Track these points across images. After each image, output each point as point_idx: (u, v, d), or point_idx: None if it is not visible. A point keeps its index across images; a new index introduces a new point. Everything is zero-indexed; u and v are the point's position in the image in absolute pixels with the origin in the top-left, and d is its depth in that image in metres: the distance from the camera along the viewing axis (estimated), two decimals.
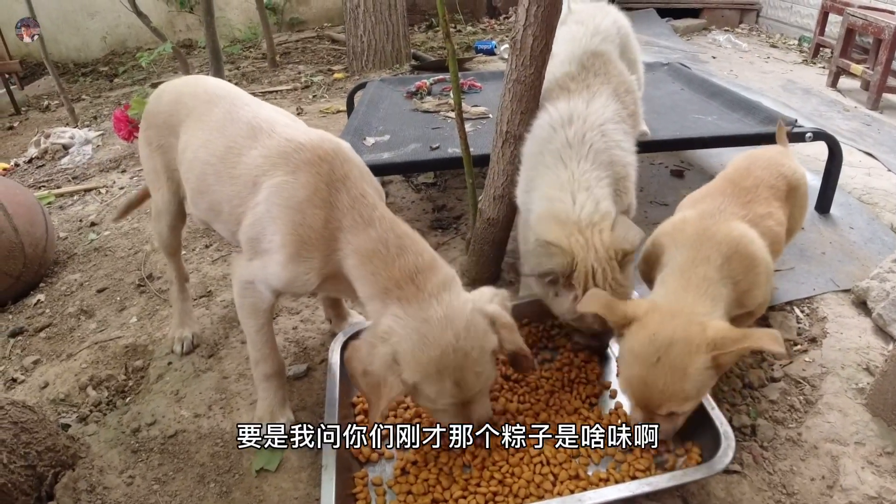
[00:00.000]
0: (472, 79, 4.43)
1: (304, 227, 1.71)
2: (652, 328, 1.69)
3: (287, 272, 1.75)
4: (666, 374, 1.65)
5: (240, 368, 2.36)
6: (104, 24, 8.82)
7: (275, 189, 1.75)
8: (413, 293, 1.64)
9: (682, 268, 1.84)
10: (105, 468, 2.00)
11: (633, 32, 2.81)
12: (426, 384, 1.62)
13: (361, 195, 1.75)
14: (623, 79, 2.45)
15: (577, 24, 2.56)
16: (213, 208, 1.98)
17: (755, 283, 1.90)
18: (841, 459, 1.88)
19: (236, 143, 1.89)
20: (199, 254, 3.23)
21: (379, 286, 1.67)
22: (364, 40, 6.51)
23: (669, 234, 1.99)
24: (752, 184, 2.13)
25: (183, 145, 2.06)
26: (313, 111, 5.51)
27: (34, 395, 2.38)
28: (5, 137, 5.87)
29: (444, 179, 3.80)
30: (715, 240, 1.87)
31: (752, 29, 8.31)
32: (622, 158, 2.19)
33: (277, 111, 2.05)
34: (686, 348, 1.64)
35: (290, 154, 1.78)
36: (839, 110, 5.06)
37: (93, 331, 2.74)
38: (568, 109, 2.20)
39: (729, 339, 1.64)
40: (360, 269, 1.70)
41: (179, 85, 2.23)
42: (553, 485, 1.76)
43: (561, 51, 2.46)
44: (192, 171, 2.01)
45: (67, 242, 3.55)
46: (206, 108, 2.04)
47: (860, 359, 2.23)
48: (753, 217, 2.01)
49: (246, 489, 1.90)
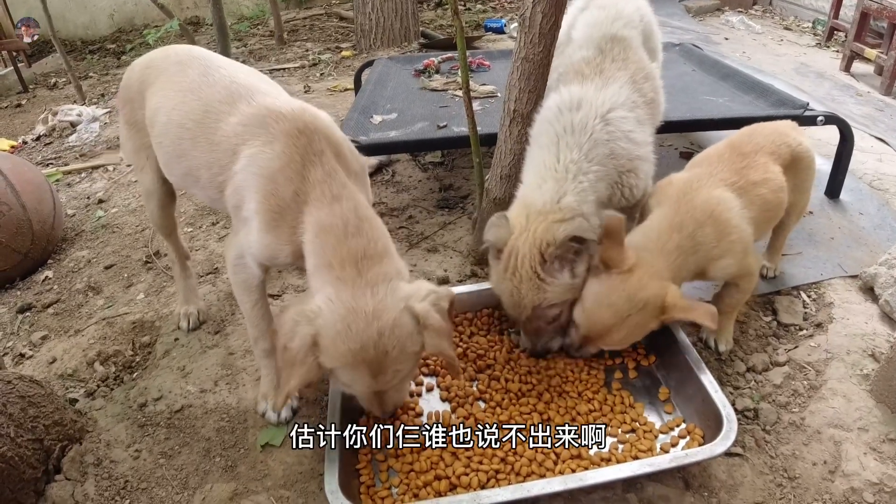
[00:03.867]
0: (481, 57, 4.40)
1: (275, 196, 1.70)
2: (633, 286, 1.84)
3: (263, 240, 1.75)
4: (630, 328, 1.88)
5: (245, 345, 2.37)
6: (112, 2, 8.80)
7: (251, 158, 1.74)
8: (351, 277, 1.61)
9: (660, 231, 1.95)
10: (112, 442, 2.03)
11: (656, 20, 2.73)
12: (342, 371, 1.63)
13: (333, 170, 1.73)
14: (642, 65, 2.36)
15: (598, 8, 2.49)
16: (190, 173, 1.96)
17: (728, 250, 1.97)
18: (843, 445, 1.88)
19: (213, 108, 1.86)
20: (205, 231, 3.23)
21: (324, 260, 1.65)
22: (372, 18, 6.46)
23: (657, 193, 2.10)
24: (752, 150, 2.16)
25: (154, 107, 2.01)
26: (321, 89, 5.49)
27: (42, 371, 2.40)
28: (13, 115, 5.89)
29: (451, 158, 3.79)
30: (691, 205, 1.97)
31: (766, 11, 8.20)
32: (628, 151, 2.12)
33: (254, 75, 2.02)
34: (653, 312, 1.86)
35: (270, 123, 1.76)
36: (852, 95, 5.00)
37: (100, 307, 2.76)
38: (578, 94, 2.15)
39: (677, 307, 1.84)
40: (313, 242, 1.68)
41: (150, 54, 2.20)
42: (555, 464, 1.77)
43: (580, 35, 2.42)
44: (166, 134, 1.97)
45: (75, 219, 3.56)
46: (177, 68, 2.01)
47: (866, 345, 2.22)
48: (745, 184, 2.06)
49: (251, 463, 1.92)
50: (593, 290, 1.92)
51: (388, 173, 3.66)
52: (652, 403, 2.01)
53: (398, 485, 1.75)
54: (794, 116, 3.01)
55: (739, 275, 2.05)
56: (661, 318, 1.87)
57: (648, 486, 1.78)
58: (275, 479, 1.87)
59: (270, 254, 1.78)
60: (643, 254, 1.90)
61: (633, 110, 2.20)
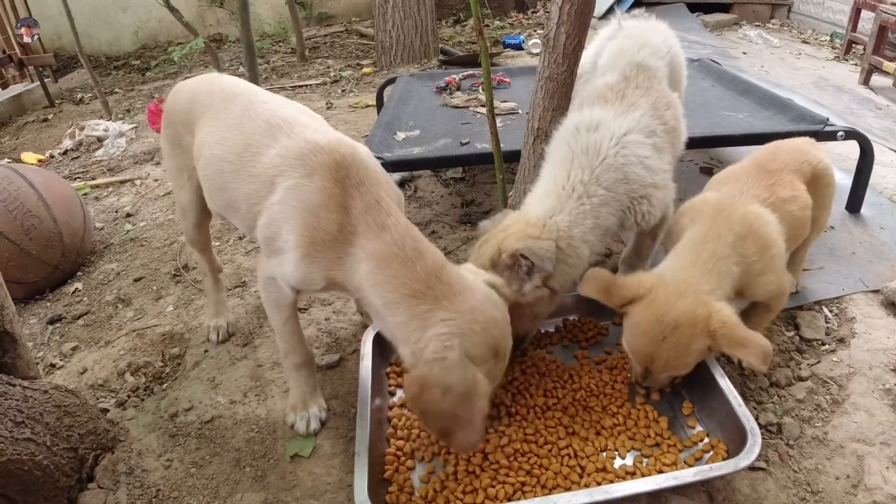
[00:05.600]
0: (502, 74, 4.45)
1: (317, 229, 1.72)
2: (659, 308, 1.80)
3: (299, 271, 1.78)
4: (670, 350, 1.80)
5: (274, 357, 2.41)
6: (136, 19, 8.97)
7: (290, 190, 1.77)
8: (445, 291, 1.65)
9: (694, 242, 1.92)
10: (143, 451, 2.07)
11: (682, 52, 2.74)
12: (491, 369, 1.69)
13: (376, 201, 1.74)
14: (665, 93, 2.36)
15: (626, 37, 2.52)
16: (230, 205, 2.01)
17: (769, 266, 1.94)
18: (866, 459, 1.89)
19: (254, 141, 1.91)
20: (232, 245, 3.29)
21: (405, 290, 1.65)
22: (392, 35, 6.55)
23: (689, 212, 2.07)
24: (777, 167, 2.16)
25: (199, 142, 2.08)
26: (342, 105, 5.57)
27: (73, 381, 2.46)
28: (40, 129, 6.00)
29: (472, 174, 3.83)
30: (731, 219, 1.93)
31: (784, 24, 8.21)
32: (642, 178, 2.11)
33: (297, 108, 2.06)
34: (691, 331, 1.77)
35: (308, 156, 1.79)
36: (871, 108, 5.00)
37: (130, 318, 2.82)
38: (598, 116, 2.17)
39: (727, 333, 1.75)
40: (378, 275, 1.68)
41: (195, 83, 2.25)
42: (580, 476, 1.79)
43: (605, 62, 2.45)
44: (209, 168, 2.03)
45: (104, 233, 3.64)
46: (222, 105, 2.06)
47: (888, 360, 2.23)
48: (775, 201, 2.05)
49: (280, 474, 1.96)
50: (627, 322, 1.89)
51: (410, 189, 3.71)
52: (675, 418, 2.02)
53: (425, 496, 1.78)
54: (814, 132, 3.03)
55: (776, 293, 2.03)
56: (710, 342, 1.78)
57: (673, 499, 1.80)
58: (304, 490, 1.90)
59: (306, 283, 1.81)
60: (667, 274, 1.89)
61: (651, 137, 2.19)
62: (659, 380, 1.95)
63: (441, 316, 1.62)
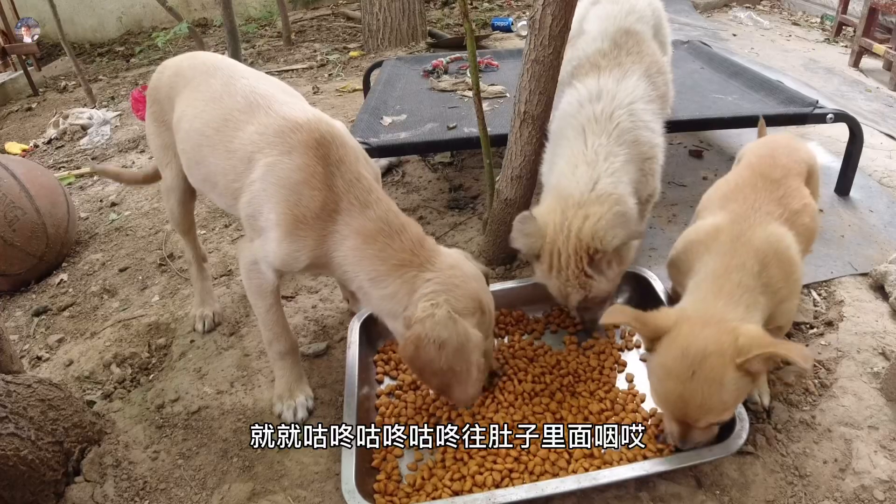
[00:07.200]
0: (490, 57, 4.41)
1: (299, 206, 1.73)
2: (683, 341, 1.59)
3: (282, 250, 1.78)
4: (703, 387, 1.56)
5: (261, 346, 2.40)
6: (119, 4, 8.85)
7: (270, 168, 1.77)
8: (428, 255, 1.76)
9: (716, 275, 1.73)
10: (130, 444, 2.06)
11: (665, 15, 2.76)
12: (479, 322, 1.75)
13: (357, 178, 1.78)
14: (655, 59, 2.40)
15: (611, 3, 2.53)
16: (208, 179, 2.00)
17: (793, 291, 1.81)
18: (854, 443, 1.89)
19: (232, 117, 1.90)
20: (218, 233, 3.27)
21: (393, 261, 1.73)
22: (380, 18, 6.48)
23: (703, 241, 1.86)
24: (781, 174, 1.99)
25: (178, 115, 2.07)
26: (329, 90, 5.52)
27: (59, 373, 2.44)
28: (24, 119, 5.93)
29: (460, 159, 3.80)
30: (752, 245, 1.76)
31: (774, 6, 8.17)
32: (649, 139, 2.17)
33: (275, 85, 2.05)
34: (720, 360, 1.54)
35: (287, 133, 1.79)
36: (861, 91, 4.99)
37: (115, 309, 2.79)
38: (597, 86, 2.19)
39: (755, 343, 1.53)
40: (366, 249, 1.73)
41: (180, 59, 2.25)
42: (568, 462, 1.79)
43: (593, 28, 2.45)
44: (187, 141, 2.02)
45: (88, 223, 3.60)
46: (203, 78, 2.05)
47: (876, 343, 2.23)
48: (789, 215, 1.88)
49: (268, 464, 1.95)
50: (651, 369, 1.71)
51: (397, 174, 3.68)
52: None
53: (413, 483, 1.77)
54: (803, 114, 3.02)
55: (793, 318, 1.92)
56: (743, 364, 1.54)
57: (661, 484, 1.80)
58: (291, 479, 1.89)
59: (289, 262, 1.81)
60: (690, 308, 1.71)
61: (650, 103, 2.25)
62: (700, 434, 1.68)
63: (426, 276, 1.71)
